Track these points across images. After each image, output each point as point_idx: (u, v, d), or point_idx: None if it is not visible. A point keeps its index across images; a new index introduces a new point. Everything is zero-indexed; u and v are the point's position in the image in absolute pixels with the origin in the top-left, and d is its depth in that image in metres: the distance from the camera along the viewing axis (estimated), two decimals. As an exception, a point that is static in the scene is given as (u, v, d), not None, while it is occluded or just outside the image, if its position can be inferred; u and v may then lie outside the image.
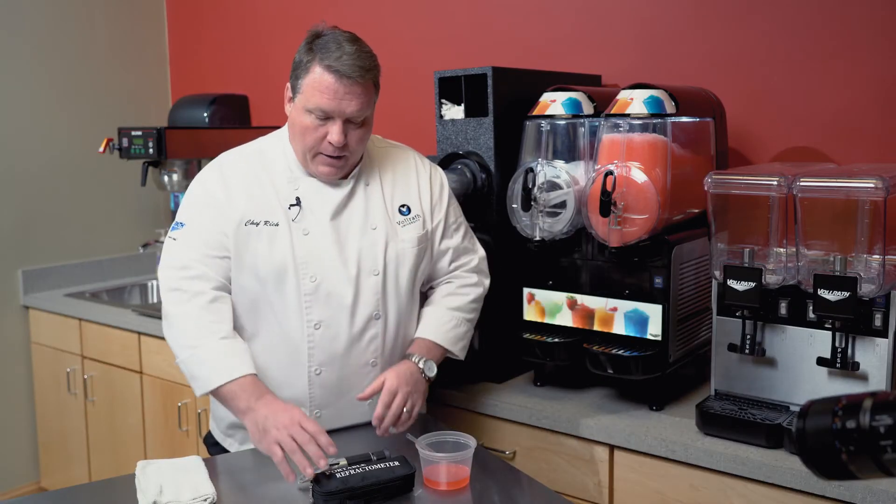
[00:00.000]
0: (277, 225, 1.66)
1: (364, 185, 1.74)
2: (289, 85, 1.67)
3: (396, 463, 1.48)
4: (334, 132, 1.60)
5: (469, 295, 1.85)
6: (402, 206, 1.77)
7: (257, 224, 1.66)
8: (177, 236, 1.69)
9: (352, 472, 1.45)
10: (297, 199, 1.69)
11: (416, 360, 1.71)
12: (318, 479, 1.43)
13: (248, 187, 1.69)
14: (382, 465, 1.47)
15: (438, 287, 1.86)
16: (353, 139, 1.64)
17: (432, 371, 1.73)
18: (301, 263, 1.66)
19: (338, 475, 1.43)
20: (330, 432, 1.72)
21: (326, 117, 1.60)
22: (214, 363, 1.60)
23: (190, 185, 1.75)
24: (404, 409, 1.63)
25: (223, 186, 1.69)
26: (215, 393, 1.60)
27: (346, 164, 1.68)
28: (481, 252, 1.91)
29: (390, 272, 1.72)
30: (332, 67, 1.57)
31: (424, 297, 1.88)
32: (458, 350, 1.82)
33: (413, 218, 1.77)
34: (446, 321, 1.80)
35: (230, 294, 1.69)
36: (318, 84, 1.58)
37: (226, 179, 1.69)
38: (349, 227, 1.70)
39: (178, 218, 1.72)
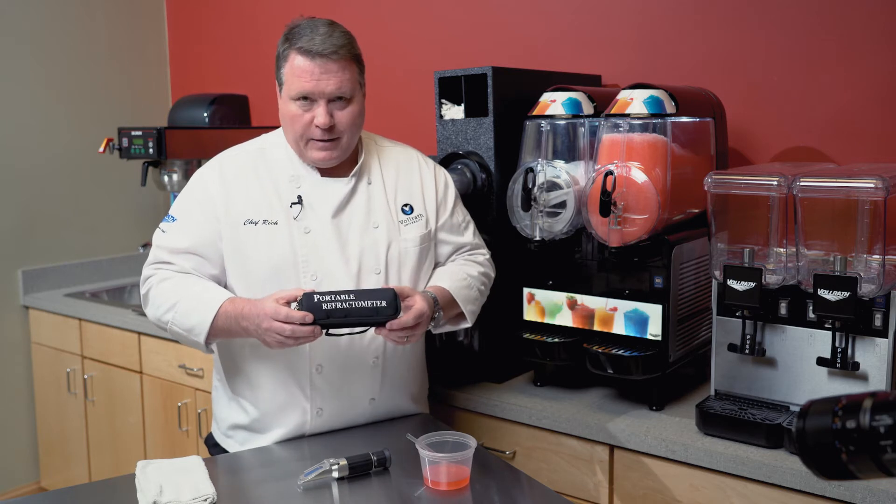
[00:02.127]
0: (276, 223, 1.66)
1: (367, 182, 1.74)
2: (276, 81, 1.69)
3: (384, 304, 1.52)
4: (320, 114, 1.61)
5: (479, 268, 1.84)
6: (405, 205, 1.77)
7: (255, 223, 1.66)
8: (166, 228, 1.71)
9: (339, 304, 1.50)
10: (299, 196, 1.69)
11: (435, 304, 1.66)
12: (304, 300, 1.50)
13: (248, 186, 1.69)
14: (369, 304, 1.51)
15: (447, 262, 1.85)
16: (342, 119, 1.63)
17: (438, 323, 1.70)
18: (302, 261, 1.66)
19: (324, 306, 1.49)
20: (331, 433, 1.74)
21: (310, 101, 1.61)
22: (197, 306, 1.61)
23: (190, 180, 1.75)
24: (406, 337, 1.58)
25: (221, 186, 1.69)
26: (215, 332, 1.61)
27: (339, 147, 1.67)
28: (488, 251, 1.92)
29: (392, 271, 1.72)
30: (303, 49, 1.59)
31: None
32: (469, 312, 1.76)
33: (416, 217, 1.77)
34: (460, 278, 1.77)
35: None
36: (295, 69, 1.60)
37: (225, 178, 1.70)
38: (351, 226, 1.70)
39: (171, 210, 1.73)
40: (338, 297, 1.51)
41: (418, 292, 1.62)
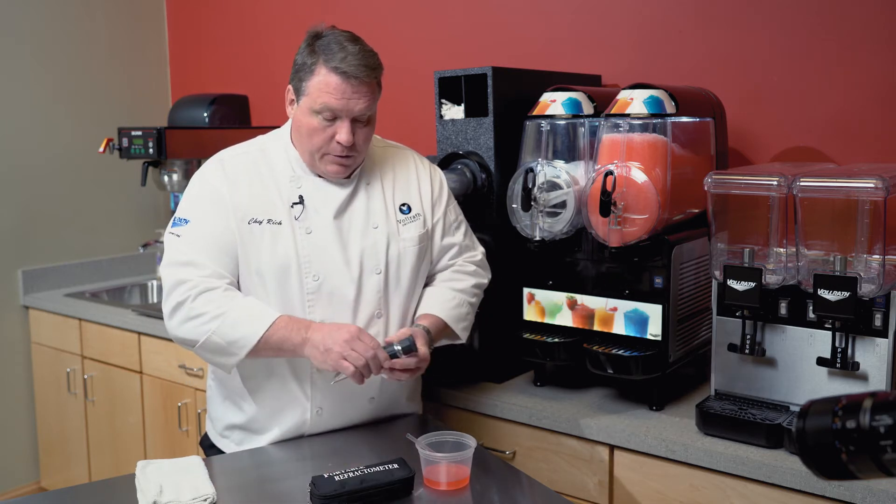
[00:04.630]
0: (280, 223, 1.66)
1: (365, 184, 1.74)
2: (290, 87, 1.66)
3: (395, 465, 1.48)
4: (343, 132, 1.60)
5: (470, 280, 1.85)
6: (403, 205, 1.77)
7: (260, 222, 1.65)
8: (180, 233, 1.65)
9: (350, 474, 1.44)
10: (300, 197, 1.68)
11: (429, 336, 1.70)
12: (316, 481, 1.43)
13: (251, 184, 1.68)
14: (381, 468, 1.47)
15: (439, 275, 1.86)
16: (360, 138, 1.64)
17: (431, 349, 1.73)
18: (304, 262, 1.66)
19: (336, 478, 1.43)
20: (331, 432, 1.74)
21: (334, 117, 1.60)
22: (249, 317, 1.59)
23: (191, 181, 1.72)
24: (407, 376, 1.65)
25: (226, 183, 1.66)
26: (260, 347, 1.58)
27: (353, 163, 1.68)
28: (482, 249, 1.92)
29: (392, 271, 1.72)
30: (338, 69, 1.57)
31: None
32: (461, 330, 1.80)
33: (414, 217, 1.77)
34: (449, 299, 1.79)
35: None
36: (326, 85, 1.58)
37: (228, 176, 1.67)
38: (351, 227, 1.70)
39: (179, 214, 1.68)
40: (351, 472, 1.46)
41: (412, 329, 1.67)
